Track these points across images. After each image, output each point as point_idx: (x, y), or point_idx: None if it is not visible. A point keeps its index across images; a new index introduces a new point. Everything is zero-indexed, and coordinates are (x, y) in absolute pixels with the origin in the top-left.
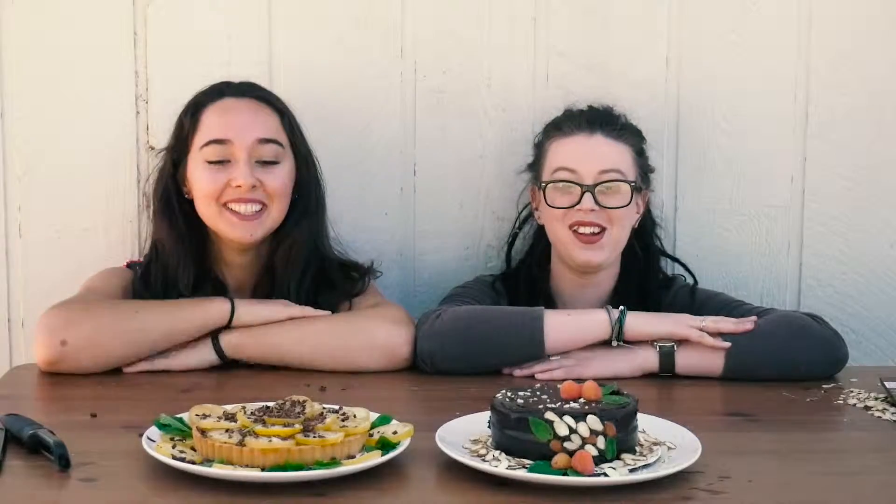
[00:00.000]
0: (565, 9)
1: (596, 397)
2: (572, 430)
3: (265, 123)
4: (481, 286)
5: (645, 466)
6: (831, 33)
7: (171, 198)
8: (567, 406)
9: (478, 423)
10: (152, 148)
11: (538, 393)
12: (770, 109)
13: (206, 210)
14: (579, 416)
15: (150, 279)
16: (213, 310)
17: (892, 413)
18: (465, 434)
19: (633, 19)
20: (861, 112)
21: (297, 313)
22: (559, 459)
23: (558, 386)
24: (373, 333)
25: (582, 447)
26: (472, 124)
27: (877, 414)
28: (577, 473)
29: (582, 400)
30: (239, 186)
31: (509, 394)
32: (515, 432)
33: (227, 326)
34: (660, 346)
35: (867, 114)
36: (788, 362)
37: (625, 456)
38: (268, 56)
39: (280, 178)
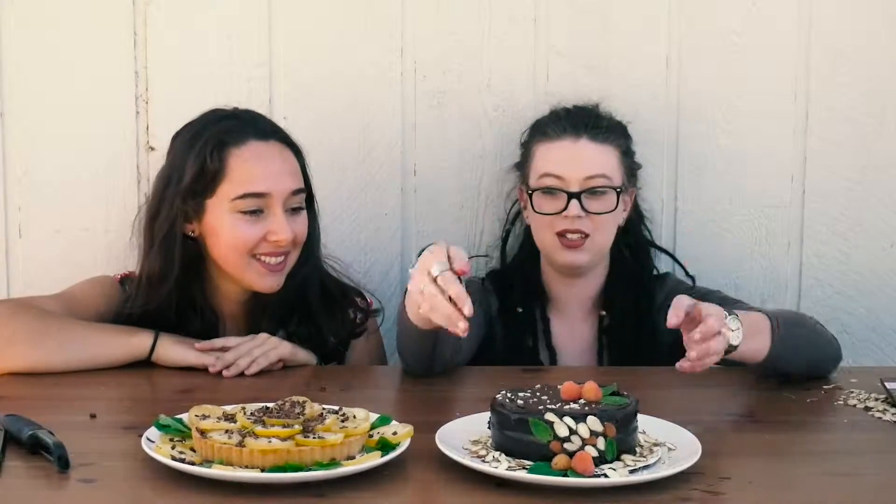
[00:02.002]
0: (565, 9)
1: (596, 398)
2: (572, 431)
3: (296, 173)
4: (470, 287)
5: (645, 467)
6: (831, 33)
7: (174, 238)
8: (567, 407)
9: (478, 424)
10: (152, 148)
11: (538, 394)
12: (770, 109)
13: (231, 259)
14: (579, 417)
15: (127, 308)
16: (133, 343)
17: (893, 414)
18: (465, 435)
19: (633, 20)
20: (861, 112)
21: (208, 361)
22: (559, 460)
23: (558, 387)
24: None
25: (582, 448)
26: (472, 124)
27: (877, 415)
28: (578, 474)
29: (582, 401)
30: (278, 241)
31: (509, 394)
32: (515, 433)
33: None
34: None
35: (867, 114)
36: (811, 358)
37: (625, 457)
38: (268, 56)
39: (304, 226)
